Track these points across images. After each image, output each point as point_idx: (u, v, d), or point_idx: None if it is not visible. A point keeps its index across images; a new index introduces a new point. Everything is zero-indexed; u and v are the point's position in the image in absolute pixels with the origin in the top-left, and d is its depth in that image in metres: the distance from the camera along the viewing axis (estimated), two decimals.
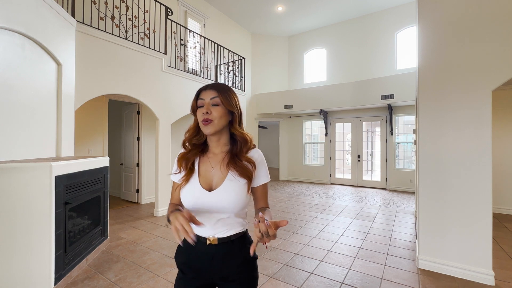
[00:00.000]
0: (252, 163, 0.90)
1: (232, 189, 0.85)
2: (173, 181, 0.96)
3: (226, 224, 0.87)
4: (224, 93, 0.86)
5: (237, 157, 0.89)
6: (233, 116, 0.90)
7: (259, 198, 0.93)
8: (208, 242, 0.86)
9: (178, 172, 0.91)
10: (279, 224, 0.66)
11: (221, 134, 0.90)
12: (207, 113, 0.84)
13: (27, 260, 1.88)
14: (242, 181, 0.87)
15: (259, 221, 0.67)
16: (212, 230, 0.86)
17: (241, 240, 0.90)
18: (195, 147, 0.93)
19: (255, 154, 0.93)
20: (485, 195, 2.16)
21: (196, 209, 0.86)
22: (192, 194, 0.87)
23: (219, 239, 0.86)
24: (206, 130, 0.86)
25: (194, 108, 0.89)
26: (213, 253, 0.86)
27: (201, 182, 0.88)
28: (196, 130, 0.92)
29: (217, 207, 0.85)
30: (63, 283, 2.08)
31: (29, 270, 1.89)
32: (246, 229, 0.94)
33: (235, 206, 0.85)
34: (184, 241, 0.86)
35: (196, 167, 0.91)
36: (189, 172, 0.89)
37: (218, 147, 0.92)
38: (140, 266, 2.47)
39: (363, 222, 3.87)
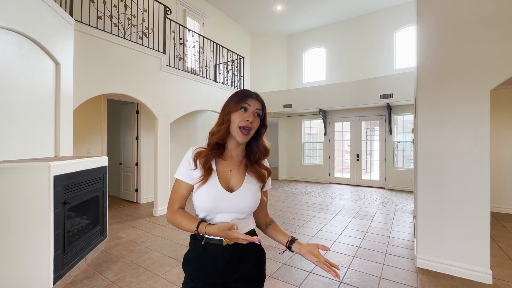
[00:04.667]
0: (269, 171, 0.98)
1: (251, 191, 0.90)
2: (179, 181, 0.91)
3: (241, 224, 0.90)
4: (266, 109, 0.94)
5: (256, 164, 0.95)
6: (264, 130, 0.96)
7: (262, 202, 0.98)
8: (225, 243, 0.86)
9: (195, 169, 0.89)
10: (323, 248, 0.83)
11: None
12: (252, 122, 0.87)
13: (25, 260, 1.88)
14: (258, 184, 0.94)
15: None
16: None
17: (252, 236, 0.93)
18: (216, 147, 0.91)
19: (265, 162, 1.00)
20: (483, 194, 2.17)
21: (214, 210, 0.86)
22: (213, 195, 0.86)
23: None
24: (242, 138, 0.88)
25: (234, 110, 0.88)
26: (231, 253, 0.86)
27: (221, 183, 0.88)
28: (227, 132, 0.90)
29: (238, 207, 0.88)
30: (62, 283, 2.08)
31: (27, 270, 1.88)
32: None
33: (254, 206, 0.91)
34: (194, 248, 0.89)
35: (214, 168, 0.90)
36: (208, 172, 0.88)
37: (236, 150, 0.95)
38: (139, 266, 2.47)
39: (362, 221, 3.88)
